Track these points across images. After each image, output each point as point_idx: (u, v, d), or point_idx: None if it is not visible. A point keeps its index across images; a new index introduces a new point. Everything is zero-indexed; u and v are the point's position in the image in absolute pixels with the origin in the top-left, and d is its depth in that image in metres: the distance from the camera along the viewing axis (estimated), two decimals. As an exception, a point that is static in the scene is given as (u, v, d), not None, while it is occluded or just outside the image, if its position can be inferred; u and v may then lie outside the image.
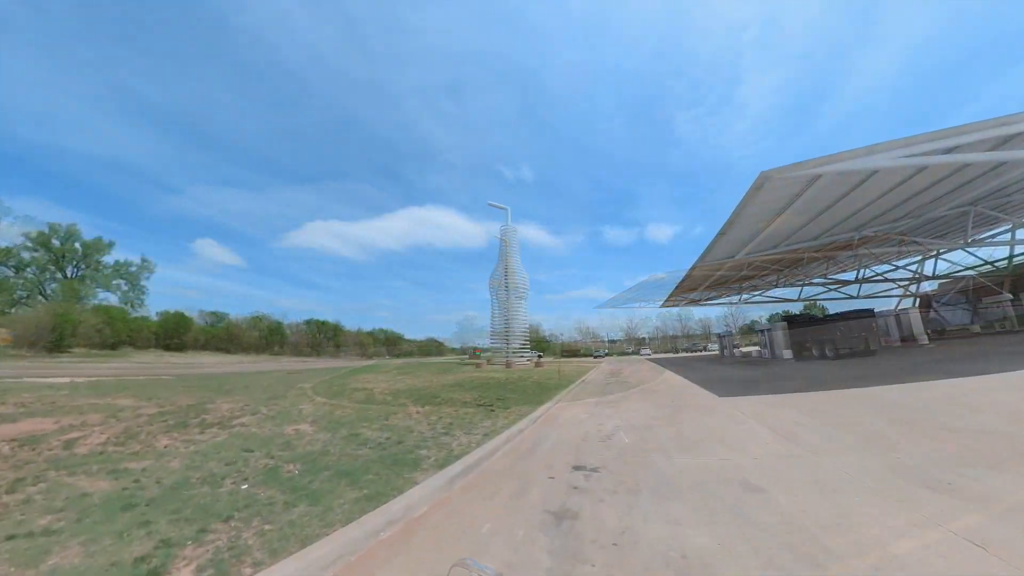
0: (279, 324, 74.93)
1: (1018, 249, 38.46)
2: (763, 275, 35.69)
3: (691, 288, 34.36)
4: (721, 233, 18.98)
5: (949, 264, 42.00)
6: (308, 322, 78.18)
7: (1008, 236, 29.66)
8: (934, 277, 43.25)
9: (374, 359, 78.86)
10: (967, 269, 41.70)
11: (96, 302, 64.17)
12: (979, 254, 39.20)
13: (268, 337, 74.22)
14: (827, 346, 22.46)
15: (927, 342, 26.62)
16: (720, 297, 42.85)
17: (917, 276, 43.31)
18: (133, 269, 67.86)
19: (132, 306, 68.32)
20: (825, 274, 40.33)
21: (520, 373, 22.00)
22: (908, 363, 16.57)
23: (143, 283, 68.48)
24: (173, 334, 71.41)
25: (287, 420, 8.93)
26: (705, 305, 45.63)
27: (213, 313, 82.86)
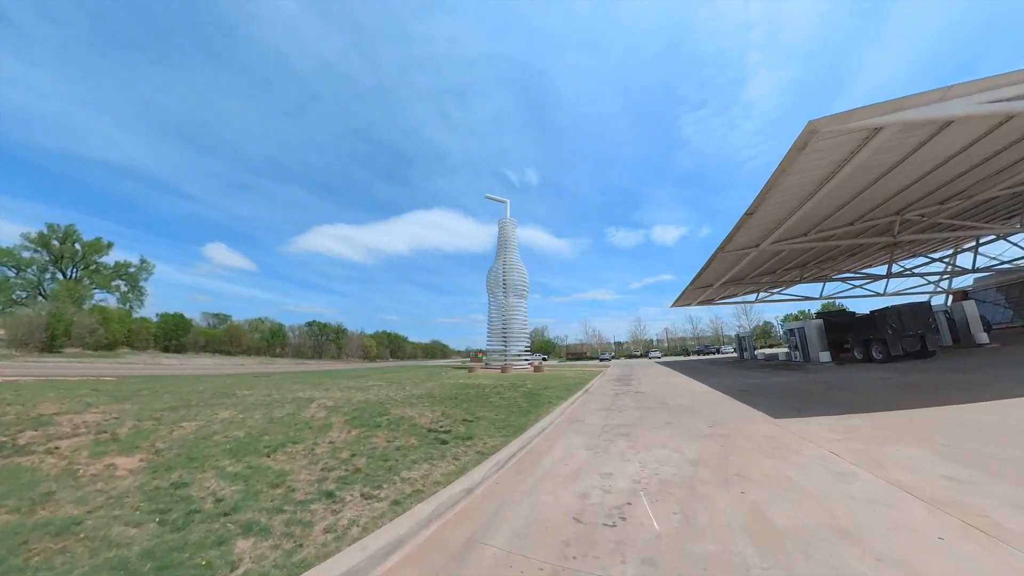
0: (280, 326, 72.55)
1: None
2: (786, 269, 32.08)
3: (706, 285, 30.79)
4: (748, 214, 15.54)
5: (987, 259, 38.14)
6: (310, 324, 75.65)
7: None
8: (973, 271, 39.26)
9: (376, 362, 76.13)
10: (1005, 263, 37.83)
11: (94, 303, 62.40)
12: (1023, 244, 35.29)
13: (269, 339, 71.92)
14: (875, 347, 18.82)
15: (987, 341, 22.66)
16: (735, 295, 39.11)
17: (952, 270, 39.33)
18: (132, 270, 66.12)
19: (131, 307, 66.60)
20: (853, 268, 36.52)
21: (514, 379, 18.71)
22: (987, 368, 12.97)
23: (142, 284, 66.72)
24: (172, 335, 69.46)
25: (139, 441, 5.74)
26: (719, 304, 41.92)
27: (216, 315, 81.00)
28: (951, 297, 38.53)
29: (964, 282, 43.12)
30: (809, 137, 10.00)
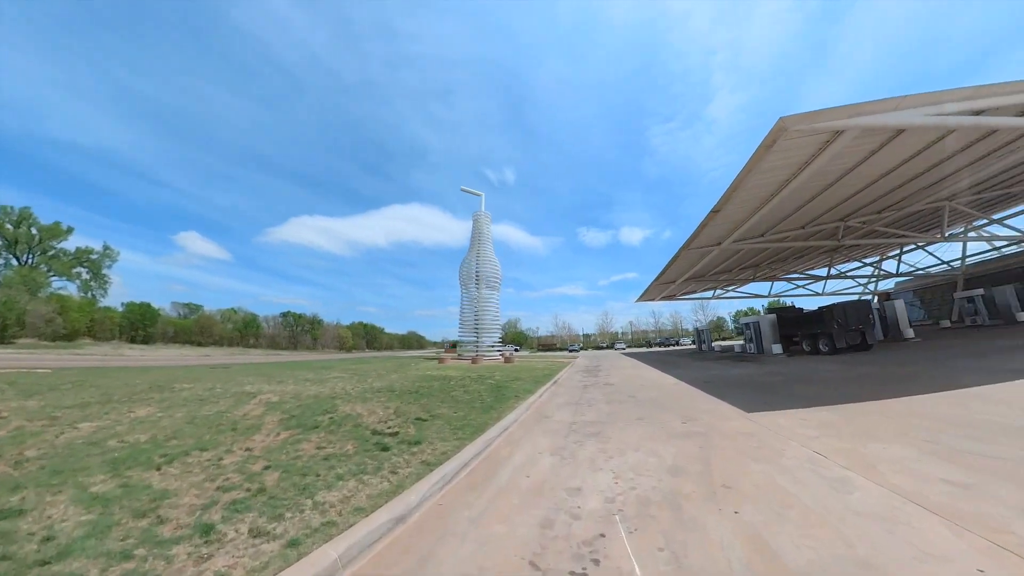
0: (254, 317, 68.18)
1: (973, 248, 36.79)
2: (741, 268, 32.38)
3: (669, 281, 30.60)
4: (714, 211, 15.12)
5: (907, 265, 40.49)
6: (285, 315, 71.47)
7: (981, 231, 27.37)
8: (896, 275, 41.46)
9: (352, 353, 73.03)
10: (920, 270, 40.31)
11: (52, 291, 56.51)
12: (938, 254, 37.70)
13: (243, 330, 67.51)
14: (822, 340, 18.84)
15: (912, 336, 23.39)
16: (696, 292, 39.42)
17: (878, 273, 41.33)
18: (95, 257, 60.31)
19: (93, 296, 60.84)
20: (799, 270, 37.47)
21: (483, 370, 17.51)
22: (921, 360, 12.86)
23: (105, 271, 61.00)
24: (139, 326, 64.03)
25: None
26: (679, 300, 42.24)
27: (187, 305, 75.46)
28: (876, 298, 40.37)
29: (887, 285, 45.63)
30: (778, 135, 9.75)
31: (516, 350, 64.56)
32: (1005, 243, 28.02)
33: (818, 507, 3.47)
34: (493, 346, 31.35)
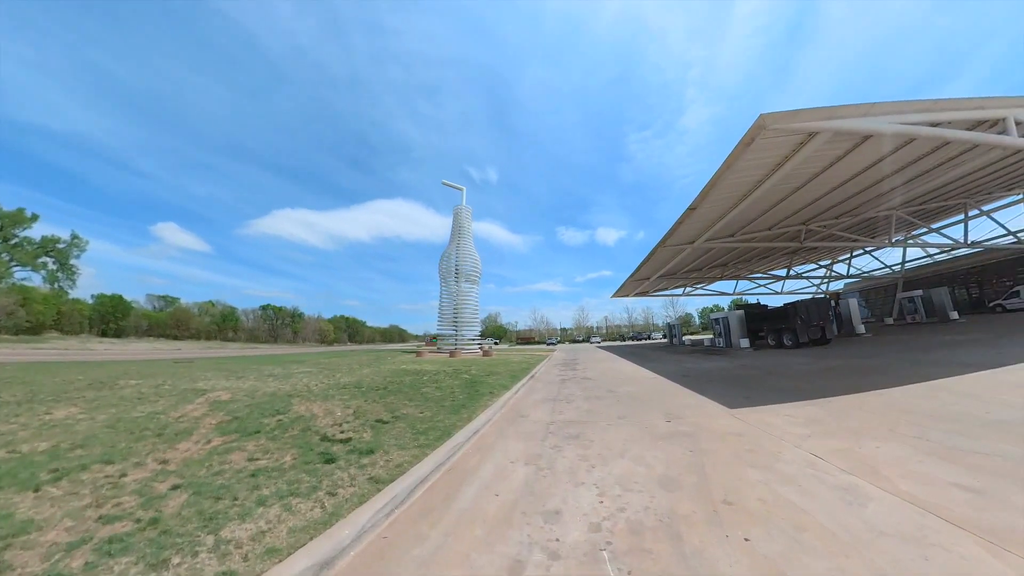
0: (233, 310, 64.57)
1: (912, 254, 38.67)
2: (711, 267, 32.59)
3: (643, 278, 30.43)
4: (691, 208, 14.77)
5: (856, 269, 42.32)
6: (264, 308, 68.03)
7: (931, 237, 28.49)
8: (847, 276, 43.14)
9: (334, 346, 70.44)
10: (866, 273, 42.24)
11: (14, 282, 51.79)
12: (882, 259, 39.63)
13: (220, 323, 63.89)
14: (786, 335, 18.86)
15: (864, 331, 23.95)
16: (668, 288, 39.60)
17: (830, 275, 42.88)
18: (62, 246, 55.53)
19: (60, 287, 56.17)
20: (762, 270, 38.16)
21: (460, 364, 16.57)
22: (879, 354, 12.81)
23: (73, 261, 56.31)
24: (110, 319, 59.64)
25: None
26: (652, 296, 42.44)
27: (163, 297, 70.90)
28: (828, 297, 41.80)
29: (837, 286, 47.43)
30: (757, 132, 9.48)
31: (496, 343, 63.72)
32: (937, 250, 29.51)
33: (837, 528, 2.79)
34: (473, 340, 30.36)
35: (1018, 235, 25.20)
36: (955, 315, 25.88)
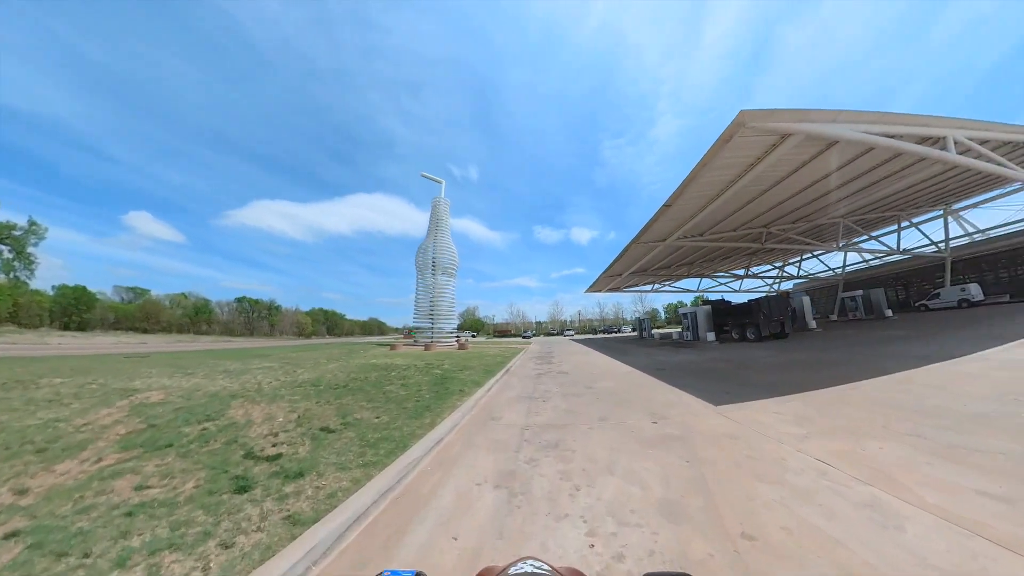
0: (206, 302, 60.17)
1: (852, 258, 40.60)
2: (679, 265, 32.78)
3: (616, 274, 30.20)
4: (666, 205, 14.46)
5: (804, 271, 44.27)
6: (240, 300, 63.75)
7: (870, 244, 29.82)
8: (797, 277, 44.92)
9: (312, 339, 67.16)
10: (813, 274, 44.27)
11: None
12: (827, 262, 41.63)
13: (193, 316, 59.47)
14: (749, 329, 18.91)
15: (815, 326, 24.61)
16: (638, 285, 39.75)
17: (782, 275, 44.52)
18: (18, 233, 49.91)
19: (16, 277, 50.57)
20: (724, 269, 38.89)
21: (434, 358, 15.50)
22: (835, 347, 12.80)
23: (31, 250, 50.73)
24: (73, 311, 54.37)
25: None
26: (623, 292, 42.51)
27: (131, 289, 65.31)
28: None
29: (787, 285, 49.38)
30: (736, 129, 8.81)
31: (473, 336, 62.56)
32: (872, 256, 31.34)
33: (886, 565, 2.08)
34: (451, 333, 29.18)
35: (938, 245, 26.84)
36: (889, 313, 27.13)
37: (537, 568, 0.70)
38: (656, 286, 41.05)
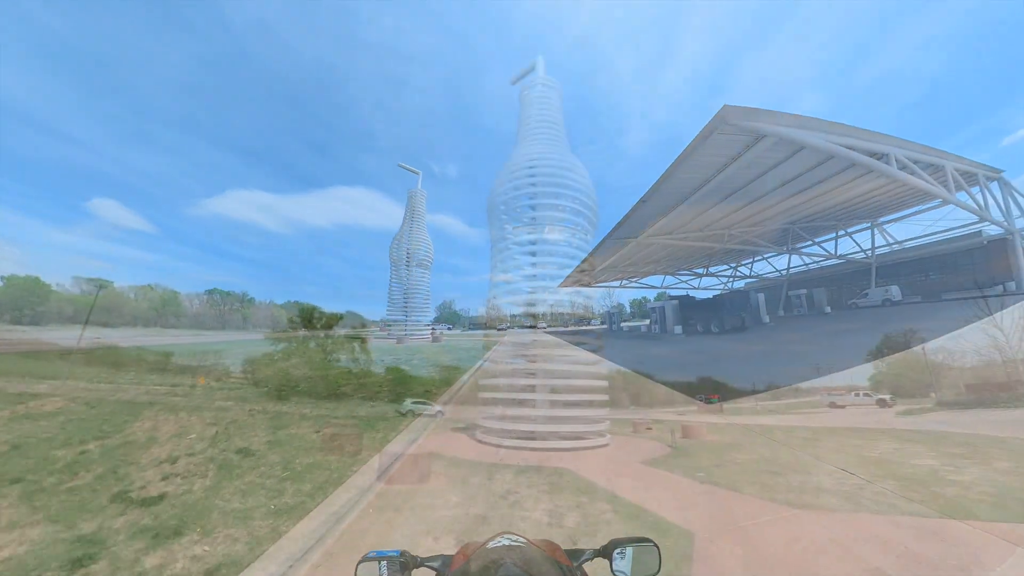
0: (174, 295, 54.97)
1: (796, 260, 42.69)
2: (646, 263, 32.92)
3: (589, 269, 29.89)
4: (642, 201, 14.21)
5: (755, 272, 45.97)
6: (210, 292, 58.65)
7: (813, 248, 31.35)
8: (749, 276, 46.52)
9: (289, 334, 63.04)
10: (763, 275, 46.15)
11: None
12: (774, 263, 43.57)
13: (160, 309, 54.19)
14: (713, 323, 18.94)
15: (768, 321, 25.32)
16: (608, 281, 39.79)
17: (734, 275, 46.15)
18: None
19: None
20: (686, 268, 39.61)
21: (402, 353, 14.20)
22: (795, 341, 12.76)
23: (-30, 239, 44.17)
24: (24, 304, 48.03)
25: None
26: (594, 287, 42.45)
27: (92, 280, 58.58)
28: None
29: (739, 284, 51.31)
30: (718, 124, 8.66)
31: (449, 328, 60.77)
32: (812, 260, 33.37)
33: None
34: (427, 326, 27.67)
35: (867, 252, 28.77)
36: (828, 310, 28.42)
37: (513, 541, 0.72)
38: (624, 282, 41.30)
